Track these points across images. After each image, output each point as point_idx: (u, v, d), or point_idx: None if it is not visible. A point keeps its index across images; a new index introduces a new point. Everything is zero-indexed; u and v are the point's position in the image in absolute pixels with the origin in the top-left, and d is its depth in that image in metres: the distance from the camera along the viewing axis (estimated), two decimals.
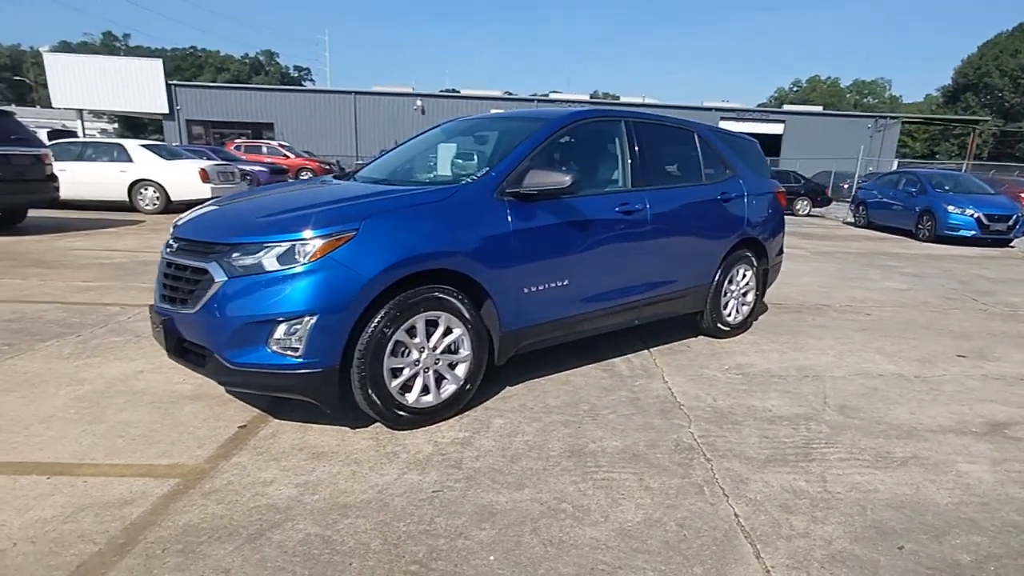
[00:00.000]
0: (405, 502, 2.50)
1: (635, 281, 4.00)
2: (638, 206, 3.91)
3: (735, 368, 4.18)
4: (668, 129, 4.48)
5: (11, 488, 2.54)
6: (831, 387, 3.86)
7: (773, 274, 5.32)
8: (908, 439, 3.15)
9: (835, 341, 4.88)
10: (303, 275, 2.77)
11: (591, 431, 3.15)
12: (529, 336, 3.53)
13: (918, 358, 4.51)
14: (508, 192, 3.35)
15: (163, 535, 2.26)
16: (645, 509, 2.47)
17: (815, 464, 2.86)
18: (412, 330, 3.04)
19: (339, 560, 2.13)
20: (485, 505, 2.48)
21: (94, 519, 2.34)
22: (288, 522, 2.35)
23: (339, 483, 2.63)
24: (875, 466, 2.86)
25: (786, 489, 2.64)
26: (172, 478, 2.65)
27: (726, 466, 2.83)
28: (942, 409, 3.55)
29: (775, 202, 5.13)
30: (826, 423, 3.32)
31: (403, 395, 3.07)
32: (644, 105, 38.37)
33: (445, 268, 3.08)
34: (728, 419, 3.34)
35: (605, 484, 2.66)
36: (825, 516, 2.44)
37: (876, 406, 3.56)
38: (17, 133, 10.13)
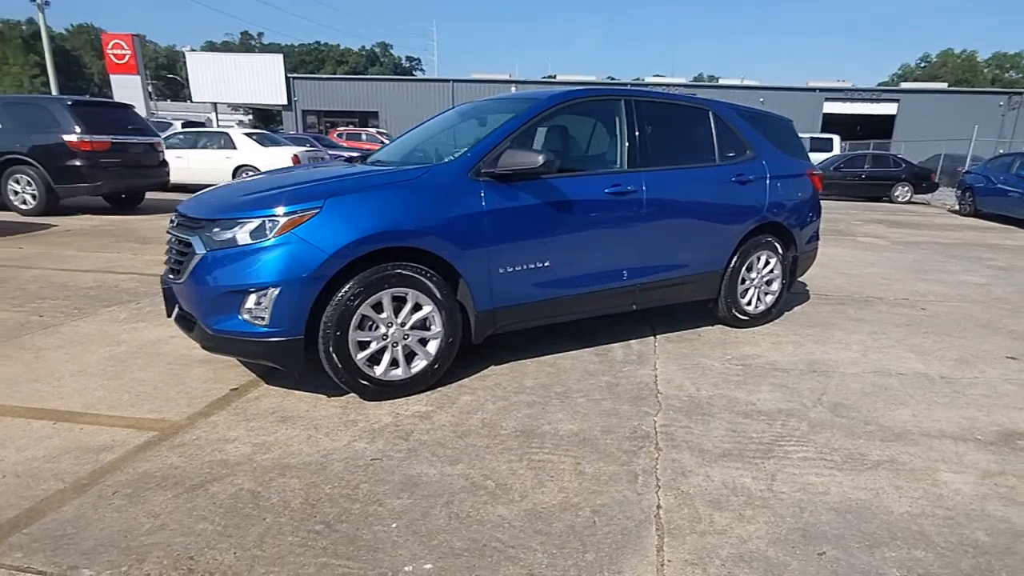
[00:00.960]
0: (342, 467, 2.58)
1: (629, 264, 3.84)
2: (631, 187, 3.74)
3: (739, 359, 3.93)
4: (678, 108, 4.24)
5: (23, 429, 2.85)
6: (835, 383, 3.54)
7: (805, 262, 4.93)
8: (893, 442, 2.85)
9: (867, 336, 4.46)
10: (269, 249, 2.89)
11: (552, 413, 3.09)
12: (508, 317, 3.50)
13: (956, 357, 4.03)
14: (484, 173, 3.32)
15: (120, 479, 2.46)
16: (567, 493, 2.40)
17: (772, 462, 2.66)
18: (379, 305, 3.10)
19: (256, 514, 2.24)
20: (413, 476, 2.51)
21: (73, 461, 2.59)
22: (230, 477, 2.49)
23: (292, 445, 2.75)
24: (840, 468, 2.61)
25: (726, 485, 2.47)
26: (153, 431, 2.87)
27: (674, 457, 2.69)
28: (953, 413, 3.18)
29: (806, 185, 4.74)
30: (808, 420, 3.06)
31: (371, 367, 3.14)
32: (741, 87, 36.37)
33: (410, 246, 3.11)
34: (702, 410, 3.16)
35: (539, 465, 2.61)
36: (754, 515, 2.27)
37: (875, 406, 3.24)
38: (134, 124, 11.18)
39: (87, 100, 11.42)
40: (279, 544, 2.08)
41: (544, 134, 3.74)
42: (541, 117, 3.61)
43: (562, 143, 3.81)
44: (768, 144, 4.53)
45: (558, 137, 3.80)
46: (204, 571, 1.95)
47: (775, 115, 4.90)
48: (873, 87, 37.37)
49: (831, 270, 6.86)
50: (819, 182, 4.90)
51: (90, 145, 10.02)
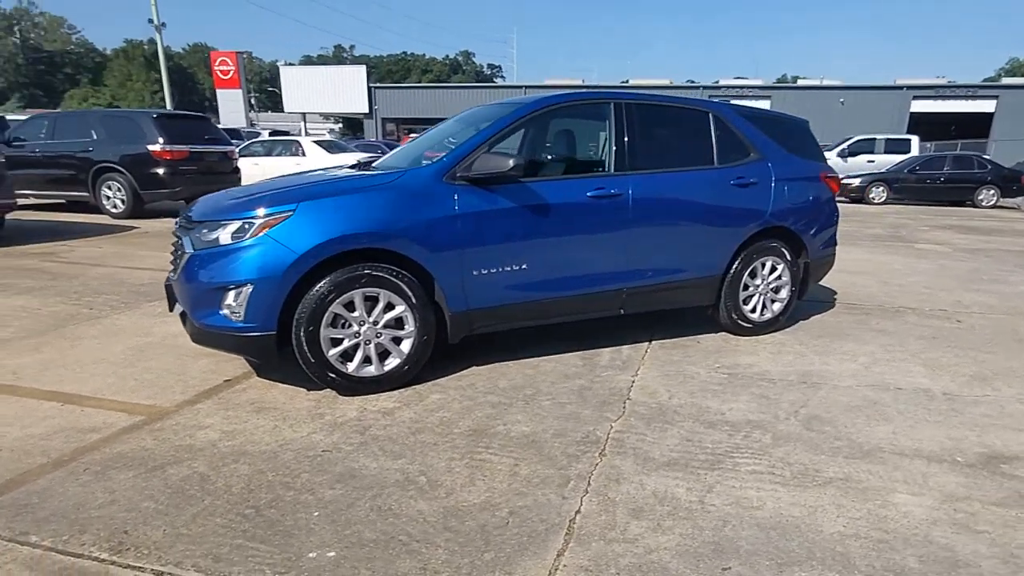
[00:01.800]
0: (293, 457, 2.68)
1: (615, 268, 3.77)
2: (615, 191, 3.67)
3: (728, 367, 3.77)
4: (672, 111, 4.12)
5: (34, 409, 3.14)
6: (821, 396, 3.34)
7: (820, 269, 4.65)
8: (857, 459, 2.66)
9: (880, 348, 4.17)
10: (246, 249, 3.05)
11: (512, 415, 3.09)
12: (484, 318, 3.52)
13: (972, 374, 3.70)
14: (460, 177, 3.35)
15: (96, 458, 2.67)
16: (492, 493, 2.40)
17: (716, 473, 2.54)
18: (351, 304, 3.20)
19: (198, 496, 2.37)
20: (354, 468, 2.58)
21: (63, 440, 2.82)
22: (189, 460, 2.65)
23: (256, 434, 2.89)
24: (786, 483, 2.47)
25: (656, 494, 2.39)
26: (141, 415, 3.09)
27: (615, 463, 2.62)
28: (940, 431, 2.92)
29: (820, 188, 4.48)
30: (774, 433, 2.90)
31: (344, 364, 3.25)
32: (819, 88, 34.58)
33: (379, 247, 3.19)
34: (665, 418, 3.06)
35: (478, 464, 2.62)
36: (673, 526, 2.19)
37: (855, 421, 3.03)
38: (210, 134, 11.98)
39: (170, 113, 12.33)
40: (206, 525, 2.19)
41: (528, 139, 3.74)
42: (521, 122, 3.61)
43: (546, 147, 3.79)
44: (776, 146, 4.32)
45: (542, 141, 3.79)
46: (132, 544, 2.09)
47: (787, 116, 4.66)
48: (967, 83, 34.53)
49: (872, 278, 6.44)
50: (835, 185, 4.62)
51: (170, 154, 10.81)
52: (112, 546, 2.08)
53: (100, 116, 12.11)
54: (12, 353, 3.97)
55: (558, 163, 3.91)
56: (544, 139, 3.82)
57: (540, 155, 3.78)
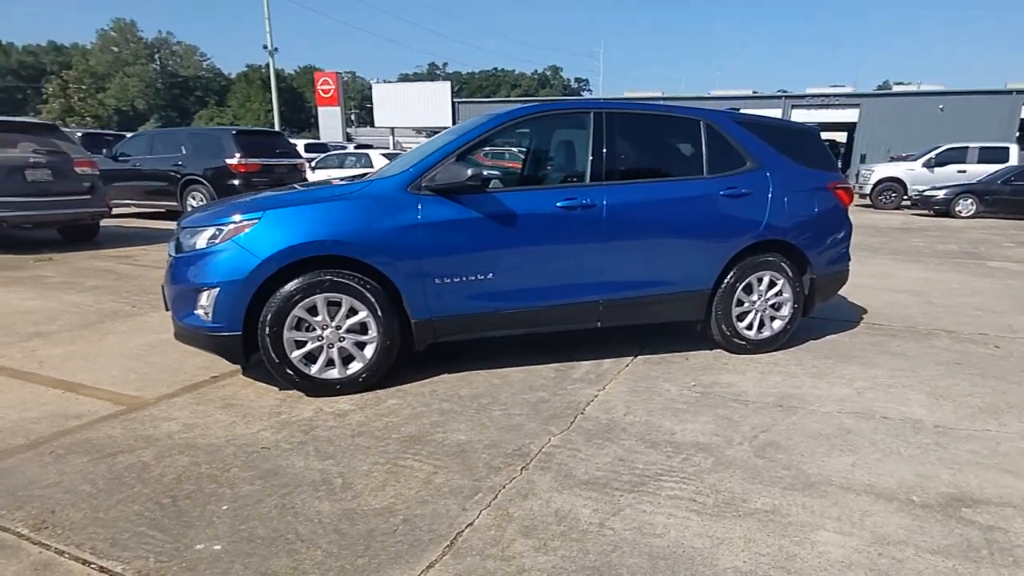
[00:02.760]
0: (233, 451, 2.78)
1: (589, 280, 3.66)
2: (588, 201, 3.56)
3: (705, 386, 3.56)
4: (660, 120, 3.96)
5: (38, 395, 3.43)
6: (791, 422, 3.08)
7: (829, 286, 4.30)
8: (796, 491, 2.42)
9: (886, 372, 3.79)
10: (215, 254, 3.21)
11: (457, 423, 3.05)
12: (447, 327, 3.51)
13: (982, 405, 3.29)
14: (425, 187, 3.37)
15: (65, 442, 2.88)
16: (397, 499, 2.38)
17: (633, 496, 2.40)
18: (314, 308, 3.28)
19: (130, 483, 2.51)
20: (282, 466, 2.64)
21: (48, 424, 3.07)
22: (141, 450, 2.80)
23: (211, 428, 3.02)
24: (703, 512, 2.29)
25: (558, 513, 2.28)
26: (123, 405, 3.31)
27: (533, 478, 2.53)
28: (906, 467, 2.61)
29: (826, 199, 4.15)
30: (717, 458, 2.71)
31: (307, 365, 3.33)
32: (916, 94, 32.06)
33: (339, 254, 3.25)
34: (610, 435, 2.93)
35: (399, 470, 2.61)
36: (559, 547, 2.08)
37: (815, 450, 2.77)
38: (281, 148, 12.71)
39: (248, 129, 13.19)
40: (123, 511, 2.31)
41: (497, 150, 3.70)
42: (491, 134, 3.58)
43: (522, 157, 3.74)
44: (777, 155, 4.05)
45: (514, 151, 3.74)
46: (52, 523, 2.24)
47: (793, 124, 4.37)
48: None
49: (917, 297, 5.88)
50: (846, 196, 4.26)
51: (245, 167, 11.55)
52: (35, 523, 2.23)
53: (188, 133, 13.14)
54: (48, 344, 4.36)
55: (534, 173, 3.86)
56: (520, 150, 3.77)
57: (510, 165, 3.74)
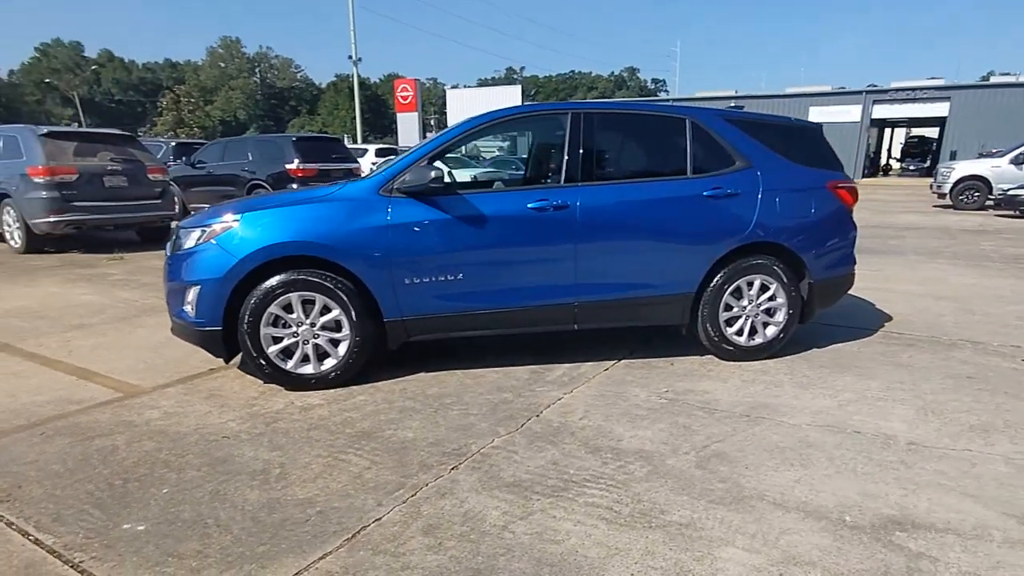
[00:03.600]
0: (195, 439, 2.94)
1: (563, 282, 3.60)
2: (558, 202, 3.51)
3: (677, 393, 3.42)
4: (641, 119, 3.84)
5: (56, 381, 3.74)
6: (751, 433, 2.91)
7: (830, 292, 4.02)
8: (721, 505, 2.29)
9: (882, 384, 3.51)
10: (199, 254, 3.40)
11: (410, 421, 3.09)
12: (419, 327, 3.55)
13: (975, 424, 2.99)
14: (396, 190, 3.44)
15: (57, 425, 3.13)
16: (322, 491, 2.44)
17: (550, 500, 2.35)
18: (290, 306, 3.41)
19: (95, 464, 2.70)
20: (232, 455, 2.77)
21: (52, 407, 3.35)
22: (117, 434, 3.01)
23: (187, 417, 3.20)
24: (615, 521, 2.21)
25: (468, 514, 2.27)
26: (121, 393, 3.56)
27: (459, 478, 2.53)
28: (854, 486, 2.42)
29: (826, 200, 3.88)
30: (655, 467, 2.60)
31: (284, 361, 3.47)
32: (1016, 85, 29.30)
33: (312, 255, 3.36)
34: (554, 438, 2.87)
35: (336, 464, 2.67)
36: (452, 547, 2.07)
37: (762, 464, 2.61)
38: (339, 153, 13.22)
39: (307, 136, 13.79)
40: (77, 489, 2.49)
41: (471, 152, 3.71)
42: (463, 137, 3.60)
43: (484, 160, 3.72)
44: (770, 154, 3.83)
45: (481, 155, 3.73)
46: (14, 498, 2.45)
47: (794, 121, 4.11)
48: None
49: (957, 304, 5.40)
50: (848, 195, 3.97)
51: (303, 171, 12.08)
52: (2, 496, 2.44)
53: (254, 141, 13.89)
54: (84, 335, 4.74)
55: (511, 174, 3.84)
56: (482, 152, 3.77)
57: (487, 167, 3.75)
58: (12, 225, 9.15)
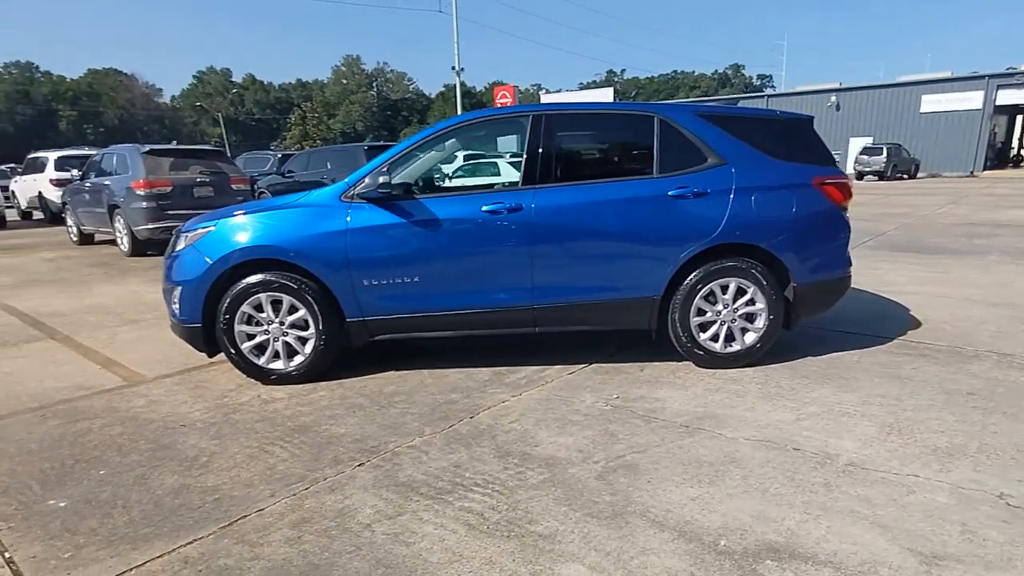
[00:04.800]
0: (158, 427, 3.15)
1: (518, 284, 3.52)
2: (512, 204, 3.43)
3: (628, 400, 3.24)
4: (606, 119, 3.67)
5: (82, 369, 4.15)
6: (678, 445, 2.69)
7: (819, 297, 3.63)
8: (595, 520, 2.14)
9: (859, 398, 3.12)
10: (182, 257, 3.66)
11: (351, 418, 3.14)
12: (380, 327, 3.61)
13: (942, 446, 2.58)
14: (356, 195, 3.52)
15: (59, 408, 3.47)
16: (231, 480, 2.54)
17: (426, 502, 2.30)
18: (260, 306, 3.59)
19: (64, 445, 2.96)
20: (177, 442, 2.95)
21: (65, 392, 3.72)
22: (96, 419, 3.28)
23: (163, 406, 3.44)
24: (477, 528, 2.13)
25: (343, 510, 2.28)
26: (127, 382, 3.89)
27: (357, 475, 2.54)
28: (752, 507, 2.17)
29: (810, 197, 3.51)
30: (552, 475, 2.48)
31: (257, 356, 3.65)
32: None
33: (278, 258, 3.51)
34: (472, 441, 2.81)
35: (260, 455, 2.77)
36: (311, 541, 2.09)
37: (668, 479, 2.41)
38: None
39: (378, 144, 14.38)
40: (33, 467, 2.75)
41: (432, 158, 3.71)
42: (424, 143, 3.61)
43: (441, 165, 3.71)
44: (748, 149, 3.53)
45: (439, 160, 3.72)
46: None
47: (778, 114, 3.74)
48: None
49: (1011, 311, 4.70)
50: (838, 192, 3.57)
51: None
52: None
53: (332, 150, 14.68)
54: (132, 329, 5.22)
55: (471, 178, 3.80)
56: (449, 156, 3.75)
57: (446, 172, 3.74)
58: (121, 232, 10.23)
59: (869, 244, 8.73)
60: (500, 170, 8.51)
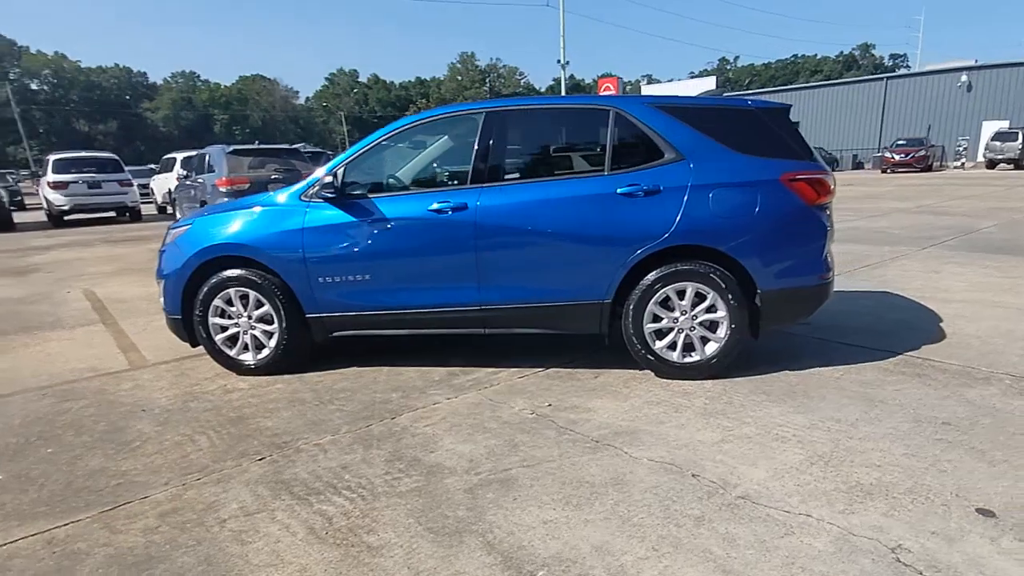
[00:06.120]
0: (125, 410, 3.37)
1: (465, 284, 3.42)
2: (457, 204, 3.34)
3: (555, 408, 3.05)
4: (561, 114, 3.47)
5: (104, 352, 4.55)
6: (575, 462, 2.49)
7: (787, 306, 3.22)
8: (430, 536, 2.02)
9: (809, 421, 2.74)
10: (165, 253, 3.90)
11: (284, 412, 3.20)
12: (337, 324, 3.65)
13: (861, 483, 2.18)
14: (313, 195, 3.58)
15: (61, 388, 3.81)
16: (145, 466, 2.67)
17: (290, 503, 2.29)
18: (231, 300, 3.75)
19: (42, 422, 3.24)
20: (128, 426, 3.13)
21: (77, 373, 4.07)
22: (80, 400, 3.55)
23: (141, 391, 3.68)
24: (316, 533, 2.08)
25: (213, 504, 2.32)
26: (130, 366, 4.21)
27: (249, 468, 2.59)
28: (602, 537, 1.95)
29: (776, 195, 3.11)
30: (426, 484, 2.38)
31: (229, 348, 3.83)
32: None
33: (242, 255, 3.64)
34: (375, 443, 2.77)
35: (185, 442, 2.90)
36: (161, 531, 2.15)
37: (536, 498, 2.23)
38: None
39: None
40: (3, 441, 3.04)
41: (387, 157, 3.68)
42: (378, 143, 3.58)
43: (396, 164, 3.66)
44: (711, 143, 3.20)
45: (393, 160, 3.68)
46: None
47: (748, 104, 3.33)
48: None
49: None
50: (809, 189, 3.13)
51: None
52: None
53: None
54: None
55: (422, 178, 3.74)
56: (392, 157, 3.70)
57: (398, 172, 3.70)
58: None
59: (950, 243, 7.72)
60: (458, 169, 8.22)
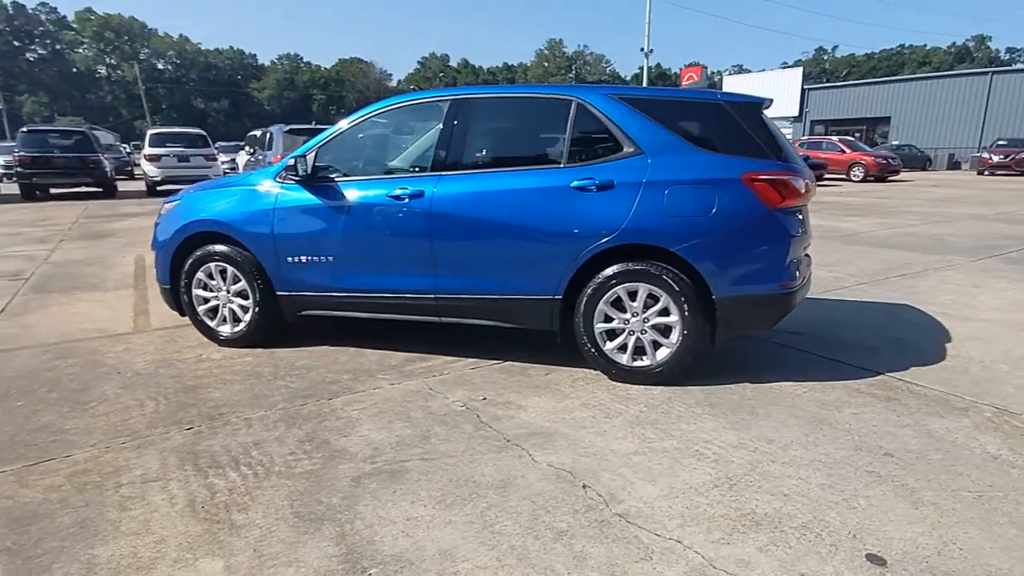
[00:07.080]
0: (103, 371, 3.56)
1: (419, 272, 3.38)
2: (413, 191, 3.29)
3: (488, 404, 2.96)
4: (524, 104, 3.34)
5: (119, 314, 4.83)
6: (471, 459, 2.41)
7: (743, 314, 2.96)
8: (293, 520, 2.01)
9: (736, 438, 2.51)
10: (157, 227, 4.08)
11: (237, 385, 3.28)
12: (304, 303, 3.71)
13: (755, 512, 1.97)
14: (287, 177, 3.63)
15: (64, 347, 4.07)
16: (79, 426, 2.80)
17: (185, 473, 2.35)
18: (212, 275, 3.89)
19: (28, 377, 3.47)
20: (96, 387, 3.30)
21: (83, 332, 4.34)
22: (76, 358, 3.80)
23: (130, 355, 3.88)
24: (190, 504, 2.14)
25: (112, 467, 2.41)
26: (134, 328, 4.46)
27: (168, 434, 2.67)
28: (455, 540, 1.86)
29: (734, 194, 2.84)
30: (315, 470, 2.37)
31: (211, 319, 3.98)
32: None
33: (220, 232, 3.76)
34: (298, 424, 2.79)
35: (133, 406, 3.02)
36: (63, 503, 2.26)
37: (413, 493, 2.16)
38: None
39: None
40: None
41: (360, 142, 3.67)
42: (348, 128, 3.58)
43: (365, 149, 3.64)
44: (672, 138, 2.97)
45: (363, 144, 3.65)
46: None
47: (717, 96, 3.04)
48: None
49: None
50: (771, 191, 2.84)
51: None
52: None
53: None
54: None
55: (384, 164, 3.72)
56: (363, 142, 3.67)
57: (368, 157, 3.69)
58: None
59: (1012, 255, 6.96)
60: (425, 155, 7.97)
